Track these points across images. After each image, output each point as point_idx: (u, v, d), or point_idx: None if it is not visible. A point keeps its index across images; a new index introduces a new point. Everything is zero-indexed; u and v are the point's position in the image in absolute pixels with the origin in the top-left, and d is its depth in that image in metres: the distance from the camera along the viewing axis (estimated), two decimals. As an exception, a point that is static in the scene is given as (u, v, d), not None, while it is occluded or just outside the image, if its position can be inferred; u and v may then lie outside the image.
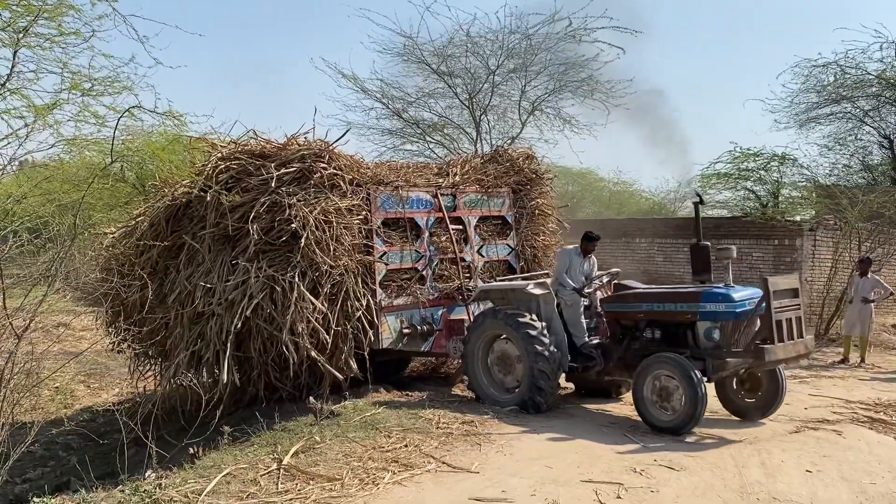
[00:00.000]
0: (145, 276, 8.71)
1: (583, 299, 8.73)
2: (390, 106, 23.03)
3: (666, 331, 8.01)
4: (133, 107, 7.63)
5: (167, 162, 9.89)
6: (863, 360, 12.72)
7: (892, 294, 13.35)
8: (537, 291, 8.53)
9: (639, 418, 8.09)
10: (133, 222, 10.00)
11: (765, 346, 7.31)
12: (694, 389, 7.21)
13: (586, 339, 8.63)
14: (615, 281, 8.96)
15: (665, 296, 8.05)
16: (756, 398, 8.15)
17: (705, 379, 7.41)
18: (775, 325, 7.34)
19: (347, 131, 10.33)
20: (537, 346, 8.05)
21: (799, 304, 7.70)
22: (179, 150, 11.42)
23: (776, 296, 7.40)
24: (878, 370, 12.42)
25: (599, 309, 8.79)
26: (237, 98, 67.48)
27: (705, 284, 7.89)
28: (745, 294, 7.62)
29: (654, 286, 8.91)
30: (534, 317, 8.28)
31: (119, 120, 7.67)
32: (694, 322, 7.73)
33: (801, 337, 7.64)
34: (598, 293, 8.91)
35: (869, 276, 12.88)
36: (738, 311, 7.50)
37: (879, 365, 12.69)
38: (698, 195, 8.34)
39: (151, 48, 7.63)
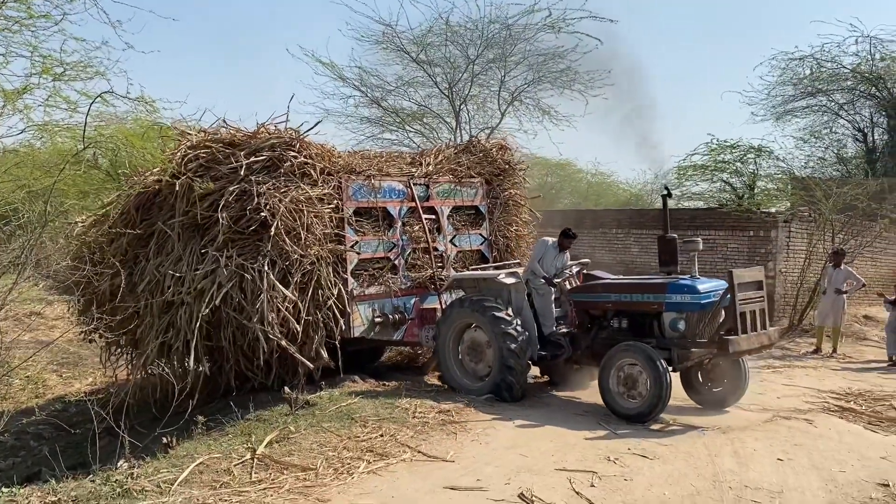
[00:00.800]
0: (117, 264, 8.61)
1: (553, 290, 8.79)
2: (369, 94, 22.92)
3: (632, 321, 8.13)
4: (105, 92, 7.52)
5: (141, 149, 9.73)
6: (835, 351, 12.91)
7: (864, 285, 13.53)
8: (509, 281, 8.62)
9: (614, 407, 8.15)
10: (104, 210, 9.86)
11: (729, 337, 7.41)
12: (658, 377, 7.30)
13: (555, 328, 8.71)
14: (584, 271, 9.01)
15: (632, 287, 8.19)
16: (720, 388, 8.28)
17: (670, 368, 7.51)
18: (739, 317, 7.44)
19: (320, 122, 10.22)
20: (505, 328, 8.13)
21: (763, 297, 7.82)
22: (154, 138, 11.26)
23: (741, 288, 7.51)
24: (849, 360, 12.62)
25: (569, 299, 8.84)
26: (212, 85, 66.74)
27: (672, 276, 7.98)
28: (710, 286, 7.73)
29: (622, 277, 9.04)
30: (500, 301, 8.39)
31: (91, 105, 7.55)
32: (660, 312, 7.84)
33: (765, 328, 7.78)
34: (568, 284, 8.97)
35: (842, 267, 13.04)
36: (702, 302, 7.62)
37: (850, 355, 12.89)
38: (666, 188, 8.46)
39: (124, 32, 7.52)
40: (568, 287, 8.94)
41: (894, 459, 6.58)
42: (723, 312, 7.65)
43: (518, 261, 10.53)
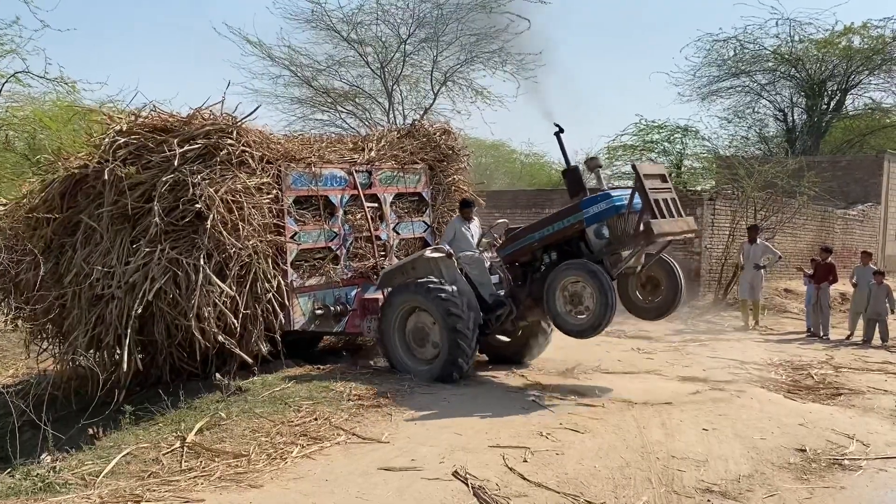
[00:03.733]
0: (38, 253, 8.25)
1: (484, 259, 8.88)
2: (299, 74, 22.58)
3: (560, 251, 8.26)
4: (19, 71, 7.20)
5: (59, 132, 9.35)
6: (756, 324, 13.39)
7: (780, 258, 14.05)
8: (435, 255, 8.62)
9: (547, 382, 8.32)
10: (24, 196, 9.43)
11: (651, 220, 7.56)
12: (601, 284, 7.45)
13: (493, 288, 8.77)
14: (504, 229, 9.09)
15: (549, 218, 8.39)
16: (658, 298, 8.50)
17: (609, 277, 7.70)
18: (654, 204, 7.63)
19: (258, 107, 9.96)
20: (449, 308, 8.13)
21: (670, 188, 8.04)
22: (73, 120, 10.83)
23: (647, 178, 7.72)
24: (770, 332, 13.14)
25: (499, 261, 8.90)
26: (136, 65, 64.49)
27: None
28: (619, 192, 8.02)
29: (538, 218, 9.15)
30: (442, 280, 8.37)
31: (2, 85, 7.21)
32: (582, 230, 8.01)
33: (681, 216, 7.99)
34: (492, 248, 9.07)
35: (758, 242, 13.51)
36: (616, 204, 7.85)
37: (771, 327, 13.42)
38: (557, 125, 8.53)
39: (37, 9, 7.18)
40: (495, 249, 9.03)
41: (811, 426, 6.90)
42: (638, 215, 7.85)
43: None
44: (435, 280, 8.37)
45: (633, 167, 7.80)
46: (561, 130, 8.47)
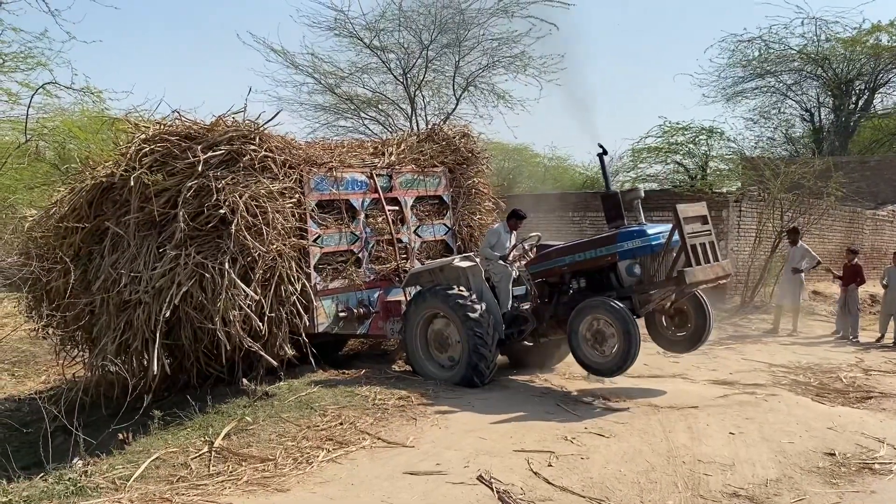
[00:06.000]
0: (68, 261, 8.39)
1: (512, 271, 8.86)
2: (322, 81, 22.72)
3: (590, 278, 8.20)
4: (48, 83, 7.36)
5: (87, 141, 9.51)
6: (794, 329, 13.15)
7: (819, 263, 13.83)
8: (464, 265, 8.63)
9: (571, 387, 8.28)
10: (53, 205, 9.60)
11: (684, 269, 7.50)
12: (625, 325, 7.36)
13: (516, 305, 8.76)
14: (537, 244, 9.08)
15: (584, 245, 8.25)
16: (685, 332, 8.40)
17: (634, 316, 7.62)
18: (690, 249, 7.54)
19: (279, 112, 10.04)
20: (471, 315, 8.15)
21: (710, 231, 7.91)
22: (101, 129, 11.01)
23: (686, 221, 7.60)
24: (798, 335, 12.97)
25: (527, 275, 8.90)
26: (161, 74, 65.43)
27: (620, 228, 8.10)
28: (658, 229, 7.88)
29: (572, 240, 9.05)
30: (462, 289, 8.39)
31: (33, 97, 7.37)
32: (615, 263, 7.92)
33: (717, 260, 7.89)
34: (523, 261, 9.05)
35: (798, 244, 13.32)
36: (653, 244, 7.73)
37: (801, 330, 13.24)
38: (601, 146, 8.48)
39: (65, 21, 7.33)
40: (524, 263, 9.00)
41: (840, 429, 6.81)
42: (674, 252, 7.75)
43: (472, 253, 10.53)
44: (455, 287, 8.39)
45: (675, 210, 7.56)
46: (605, 152, 8.40)
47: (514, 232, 9.24)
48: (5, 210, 10.35)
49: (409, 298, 9.30)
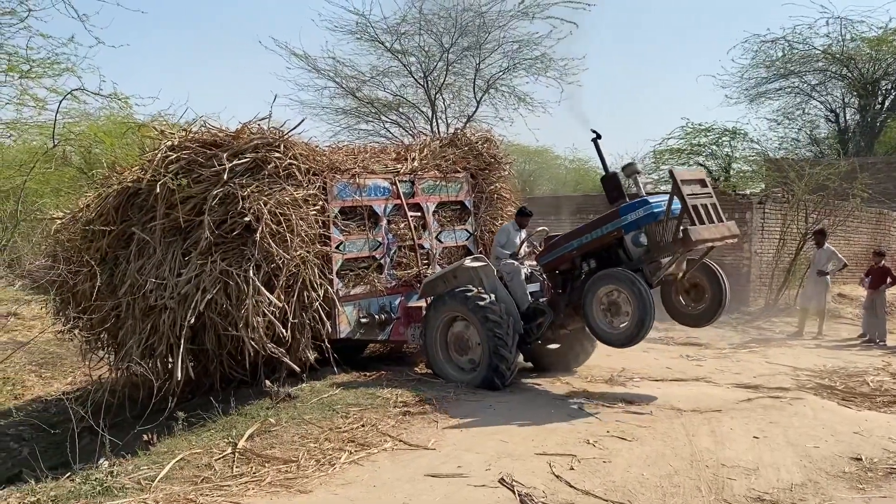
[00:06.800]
0: (94, 264, 8.50)
1: (523, 268, 8.88)
2: (344, 85, 22.85)
3: (599, 258, 8.19)
4: (76, 89, 7.46)
5: (114, 147, 9.64)
6: (819, 332, 13.00)
7: (846, 265, 13.65)
8: (475, 265, 8.65)
9: (593, 390, 8.25)
10: (80, 209, 9.73)
11: (689, 227, 7.45)
12: (638, 292, 7.37)
13: (528, 299, 8.75)
14: (545, 237, 9.07)
15: (588, 226, 8.29)
16: (703, 303, 8.36)
17: (648, 286, 7.61)
18: (692, 210, 7.50)
19: (303, 120, 10.09)
20: (490, 316, 8.17)
21: (710, 193, 7.89)
22: (128, 135, 11.15)
23: (684, 184, 7.57)
24: (824, 338, 12.82)
25: (539, 269, 8.89)
26: (184, 78, 66.10)
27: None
28: (659, 198, 7.91)
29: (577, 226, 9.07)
30: (480, 289, 8.40)
31: (61, 103, 7.48)
32: (621, 238, 7.93)
33: (721, 221, 7.85)
34: (533, 258, 9.06)
35: (825, 247, 13.16)
36: (655, 210, 7.72)
37: (826, 333, 13.09)
38: (594, 131, 8.48)
39: (92, 27, 7.44)
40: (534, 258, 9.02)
41: (867, 434, 6.72)
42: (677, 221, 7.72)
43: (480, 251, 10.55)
44: (473, 289, 8.40)
45: (670, 172, 7.70)
46: (598, 136, 8.42)
47: (523, 230, 9.35)
48: (33, 213, 10.50)
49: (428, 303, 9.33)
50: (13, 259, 8.61)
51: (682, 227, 7.49)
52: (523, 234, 9.37)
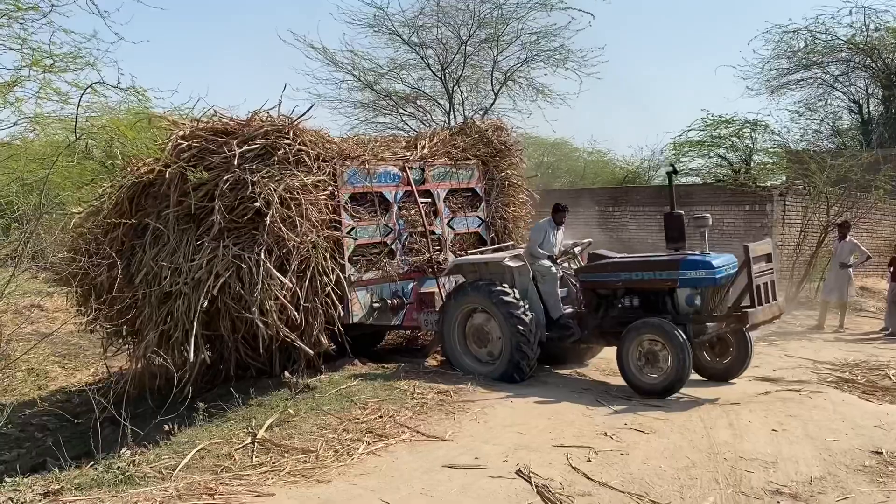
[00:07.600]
0: (113, 255, 8.61)
1: (558, 272, 8.81)
2: (361, 78, 22.86)
3: (644, 298, 8.11)
4: (96, 83, 7.48)
5: (133, 140, 9.71)
6: (841, 326, 12.86)
7: (869, 258, 13.48)
8: (513, 264, 8.60)
9: (610, 382, 8.23)
10: (98, 201, 9.86)
11: (748, 309, 7.50)
12: (680, 352, 7.33)
13: (562, 310, 8.70)
14: (588, 251, 9.03)
15: (644, 264, 8.14)
16: (726, 360, 8.33)
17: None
18: (755, 290, 7.51)
19: (312, 107, 10.12)
20: (514, 312, 8.15)
21: (772, 269, 7.92)
22: (145, 128, 11.23)
23: (755, 261, 7.57)
24: (845, 331, 12.68)
25: (572, 279, 8.86)
26: (204, 72, 66.40)
27: (681, 252, 7.98)
28: (723, 261, 7.78)
29: (630, 255, 8.99)
30: (506, 286, 8.38)
31: (82, 96, 7.52)
32: (674, 289, 7.82)
33: (775, 299, 7.89)
34: (571, 263, 8.99)
35: (847, 239, 13.00)
36: (717, 277, 7.64)
37: (847, 326, 12.95)
38: (672, 165, 8.45)
39: (112, 23, 7.49)
40: (572, 267, 8.96)
41: (888, 428, 6.67)
42: (732, 288, 7.78)
43: (513, 243, 10.54)
44: (499, 284, 8.38)
45: (745, 249, 7.58)
46: (675, 171, 8.33)
47: (561, 227, 9.19)
48: (56, 207, 10.63)
49: (445, 290, 9.35)
50: (36, 251, 8.69)
51: (741, 306, 7.51)
52: (560, 232, 9.19)
